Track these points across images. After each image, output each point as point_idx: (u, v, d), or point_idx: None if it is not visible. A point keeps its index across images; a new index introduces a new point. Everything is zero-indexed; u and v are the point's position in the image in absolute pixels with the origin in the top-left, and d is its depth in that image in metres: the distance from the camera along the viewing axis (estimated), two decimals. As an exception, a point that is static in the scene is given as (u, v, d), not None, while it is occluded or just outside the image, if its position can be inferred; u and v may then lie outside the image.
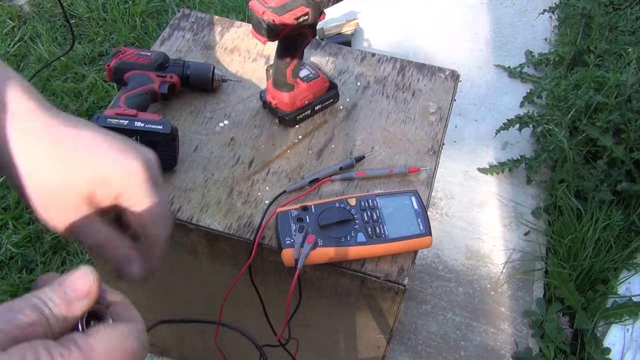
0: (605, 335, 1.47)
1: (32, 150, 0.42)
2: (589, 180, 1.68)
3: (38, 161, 0.42)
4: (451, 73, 1.07)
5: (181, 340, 1.26)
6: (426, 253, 1.65)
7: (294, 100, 0.93)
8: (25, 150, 0.42)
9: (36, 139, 0.42)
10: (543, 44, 2.33)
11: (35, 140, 0.42)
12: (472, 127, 2.01)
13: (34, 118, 0.42)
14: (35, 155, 0.42)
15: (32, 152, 0.42)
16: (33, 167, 0.42)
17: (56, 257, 1.65)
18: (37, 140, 0.42)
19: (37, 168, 0.42)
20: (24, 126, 0.42)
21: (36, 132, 0.42)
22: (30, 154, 0.42)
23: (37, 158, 0.42)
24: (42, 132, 0.42)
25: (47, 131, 0.42)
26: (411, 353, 1.45)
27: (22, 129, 0.42)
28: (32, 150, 0.42)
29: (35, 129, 0.42)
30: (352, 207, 0.79)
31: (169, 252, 0.89)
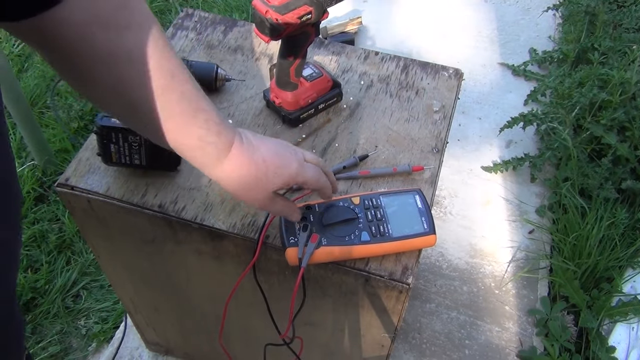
0: (610, 333, 1.46)
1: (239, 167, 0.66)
2: (594, 178, 1.68)
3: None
4: (455, 71, 1.07)
5: (186, 339, 1.27)
6: (430, 252, 1.65)
7: (297, 99, 0.93)
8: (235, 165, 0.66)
9: (241, 159, 0.66)
10: (547, 41, 2.33)
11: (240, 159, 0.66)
12: (475, 125, 2.01)
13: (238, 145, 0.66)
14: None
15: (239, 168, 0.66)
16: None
17: (61, 257, 1.65)
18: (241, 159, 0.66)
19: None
20: (234, 151, 0.65)
21: (240, 155, 0.65)
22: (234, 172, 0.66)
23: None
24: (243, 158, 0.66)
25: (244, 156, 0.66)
26: (415, 352, 1.45)
27: (234, 153, 0.65)
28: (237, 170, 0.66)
29: (239, 153, 0.65)
30: (356, 206, 0.79)
31: (173, 252, 0.90)
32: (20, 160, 1.86)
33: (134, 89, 0.55)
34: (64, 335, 1.52)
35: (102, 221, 0.91)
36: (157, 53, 0.54)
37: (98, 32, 0.50)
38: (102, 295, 1.58)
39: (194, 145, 0.62)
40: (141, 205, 0.84)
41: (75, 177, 0.87)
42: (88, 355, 1.47)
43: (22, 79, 2.15)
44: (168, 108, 0.57)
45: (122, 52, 0.52)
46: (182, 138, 0.61)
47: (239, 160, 0.65)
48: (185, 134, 0.60)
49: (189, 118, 0.60)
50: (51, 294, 1.57)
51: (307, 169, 0.70)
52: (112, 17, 0.50)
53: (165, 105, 0.57)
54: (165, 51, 0.56)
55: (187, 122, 0.60)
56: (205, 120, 0.61)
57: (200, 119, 0.60)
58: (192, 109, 0.60)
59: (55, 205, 1.77)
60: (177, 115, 0.59)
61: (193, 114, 0.60)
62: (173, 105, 0.58)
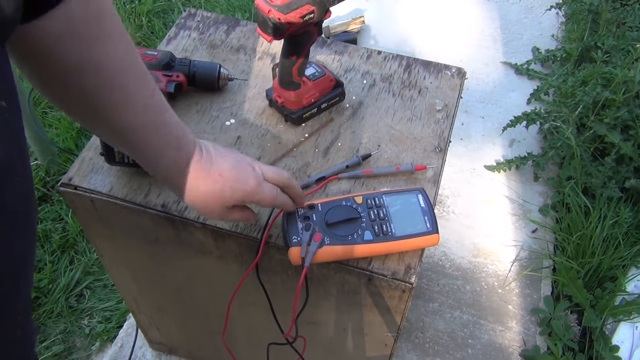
0: (613, 332, 1.46)
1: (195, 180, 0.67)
2: (597, 177, 1.67)
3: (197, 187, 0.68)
4: (457, 70, 1.07)
5: (189, 338, 1.27)
6: (433, 251, 1.65)
7: (300, 98, 0.93)
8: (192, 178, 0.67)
9: (198, 172, 0.67)
10: (550, 40, 2.32)
11: (197, 173, 0.67)
12: (478, 124, 2.01)
13: (197, 159, 0.67)
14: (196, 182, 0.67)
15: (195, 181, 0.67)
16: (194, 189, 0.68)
17: (64, 256, 1.66)
18: (198, 173, 0.67)
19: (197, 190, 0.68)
20: (192, 165, 0.66)
21: (197, 168, 0.66)
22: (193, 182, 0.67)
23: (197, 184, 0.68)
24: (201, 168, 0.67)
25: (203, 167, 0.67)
26: (418, 351, 1.45)
27: (192, 166, 0.66)
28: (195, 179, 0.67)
29: (196, 167, 0.66)
30: (358, 205, 0.79)
31: (176, 252, 0.90)
32: (23, 160, 1.87)
33: (99, 99, 0.56)
34: (67, 334, 1.52)
35: (105, 221, 0.91)
36: (125, 65, 0.56)
37: (70, 43, 0.52)
38: (105, 295, 1.59)
39: (156, 155, 0.64)
40: (144, 205, 0.84)
41: (78, 177, 0.87)
42: (91, 354, 1.47)
43: (24, 78, 2.15)
44: (131, 120, 0.59)
45: (91, 63, 0.54)
46: (144, 148, 0.63)
47: (196, 174, 0.67)
48: (146, 145, 0.62)
49: (150, 132, 0.62)
50: (55, 294, 1.57)
51: (264, 189, 0.70)
52: (85, 28, 0.52)
53: (129, 118, 0.59)
54: (133, 63, 0.57)
55: (148, 136, 0.62)
56: (165, 134, 0.63)
57: (161, 133, 0.62)
58: (153, 123, 0.61)
59: (58, 204, 1.77)
60: (140, 128, 0.60)
61: (154, 128, 0.62)
62: (136, 117, 0.59)
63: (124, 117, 0.59)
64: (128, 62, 0.57)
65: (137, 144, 0.62)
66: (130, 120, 0.59)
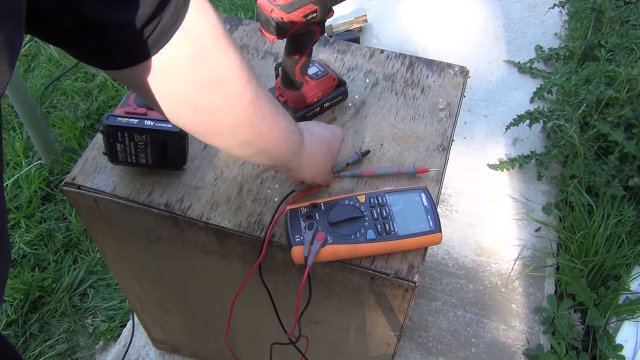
0: (617, 331, 1.46)
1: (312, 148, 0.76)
2: (600, 176, 1.67)
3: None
4: (460, 69, 1.07)
5: (193, 337, 1.27)
6: (436, 250, 1.65)
7: (302, 97, 0.93)
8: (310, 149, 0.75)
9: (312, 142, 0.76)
10: (553, 38, 2.32)
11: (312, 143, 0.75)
12: (481, 123, 2.00)
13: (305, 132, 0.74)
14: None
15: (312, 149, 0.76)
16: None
17: (68, 256, 1.66)
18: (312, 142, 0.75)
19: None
20: (305, 138, 0.74)
21: (310, 140, 0.75)
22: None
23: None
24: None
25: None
26: (422, 350, 1.45)
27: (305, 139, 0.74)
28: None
29: (309, 138, 0.74)
30: (361, 204, 0.79)
31: (179, 251, 0.90)
32: (27, 159, 1.87)
33: (235, 104, 0.59)
34: (71, 333, 1.52)
35: (108, 220, 0.91)
36: (246, 64, 0.58)
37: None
38: (109, 294, 1.59)
39: (284, 137, 0.68)
40: (147, 204, 0.84)
41: (81, 177, 0.87)
42: (95, 353, 1.48)
43: (28, 78, 2.16)
44: (262, 112, 0.62)
45: (224, 73, 0.56)
46: (274, 135, 0.66)
47: (310, 137, 0.74)
48: (277, 130, 0.66)
49: (277, 116, 0.65)
50: (58, 293, 1.58)
51: (344, 135, 0.86)
52: (216, 41, 0.54)
53: (260, 110, 0.62)
54: (247, 61, 0.59)
55: (277, 120, 0.65)
56: (283, 112, 0.67)
57: (281, 112, 0.66)
58: (275, 106, 0.65)
59: (62, 204, 1.77)
60: (269, 115, 0.64)
61: (277, 111, 0.65)
62: (264, 107, 0.62)
63: (256, 110, 0.62)
64: (246, 63, 0.59)
65: (271, 131, 0.65)
66: (260, 112, 0.62)
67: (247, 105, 0.60)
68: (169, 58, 0.52)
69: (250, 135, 0.63)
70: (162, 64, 0.52)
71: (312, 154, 0.75)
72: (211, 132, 0.62)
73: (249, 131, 0.63)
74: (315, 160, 0.77)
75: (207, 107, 0.58)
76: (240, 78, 0.58)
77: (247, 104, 0.60)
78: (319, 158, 0.77)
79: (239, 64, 0.57)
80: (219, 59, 0.55)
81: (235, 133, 0.62)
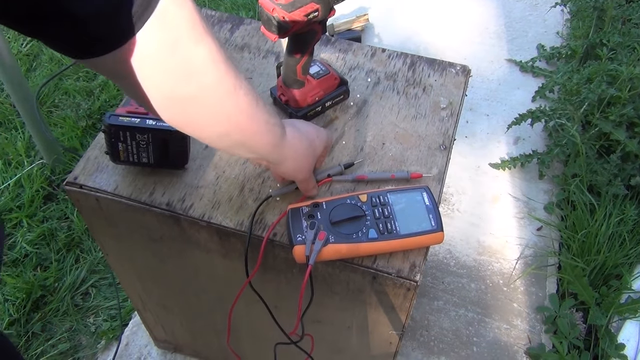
0: (619, 330, 1.46)
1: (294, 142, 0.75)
2: (602, 175, 1.67)
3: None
4: (462, 68, 1.06)
5: (194, 336, 1.27)
6: (438, 249, 1.65)
7: (304, 96, 0.93)
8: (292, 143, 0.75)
9: (294, 135, 0.75)
10: (555, 37, 2.31)
11: (294, 137, 0.75)
12: (483, 122, 2.00)
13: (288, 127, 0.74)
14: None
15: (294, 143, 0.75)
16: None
17: (70, 255, 1.66)
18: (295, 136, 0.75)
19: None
20: (288, 132, 0.74)
21: (292, 134, 0.75)
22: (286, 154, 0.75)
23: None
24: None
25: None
26: (423, 349, 1.45)
27: (288, 133, 0.74)
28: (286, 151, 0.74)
29: (291, 132, 0.74)
30: (363, 203, 0.79)
31: (181, 250, 0.90)
32: (29, 159, 1.88)
33: (210, 95, 0.59)
34: (73, 332, 1.52)
35: (110, 219, 0.91)
36: (224, 56, 0.57)
37: None
38: (110, 293, 1.59)
39: (263, 129, 0.67)
40: (149, 204, 0.84)
41: (83, 176, 0.87)
42: (97, 352, 1.48)
43: (30, 78, 2.16)
44: (240, 104, 0.62)
45: (199, 63, 0.55)
46: (253, 127, 0.65)
47: (292, 131, 0.74)
48: (256, 122, 0.65)
49: (256, 108, 0.64)
50: (60, 292, 1.58)
51: (331, 138, 0.86)
52: (190, 31, 0.53)
53: (238, 102, 0.61)
54: (227, 52, 0.59)
55: (256, 112, 0.64)
56: (263, 104, 0.66)
57: (261, 105, 0.65)
58: (255, 99, 0.64)
59: (64, 203, 1.78)
60: (248, 107, 0.63)
61: (257, 103, 0.64)
62: (243, 99, 0.62)
63: (234, 102, 0.61)
64: (226, 53, 0.59)
65: (250, 124, 0.65)
66: (238, 104, 0.62)
67: (224, 96, 0.59)
68: (142, 46, 0.51)
69: (228, 127, 0.63)
70: (135, 51, 0.51)
71: (293, 147, 0.74)
72: (188, 123, 0.61)
73: (226, 123, 0.62)
74: (297, 155, 0.76)
75: (182, 97, 0.57)
76: (217, 69, 0.57)
77: (224, 95, 0.59)
78: (301, 152, 0.76)
79: (215, 55, 0.56)
80: (194, 48, 0.54)
81: (212, 125, 0.62)
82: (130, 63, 0.52)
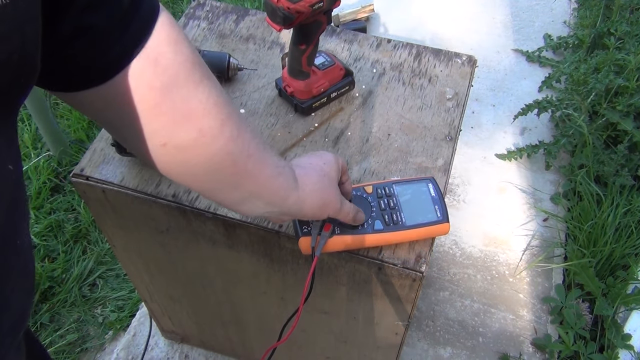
0: (625, 321, 1.46)
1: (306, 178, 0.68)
2: (609, 165, 1.66)
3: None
4: (468, 58, 1.06)
5: (201, 327, 1.28)
6: (444, 240, 1.65)
7: (309, 88, 0.93)
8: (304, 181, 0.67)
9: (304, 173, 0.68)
10: (562, 27, 2.30)
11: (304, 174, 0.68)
12: (489, 112, 1.99)
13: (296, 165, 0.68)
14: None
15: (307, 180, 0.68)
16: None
17: (77, 246, 1.67)
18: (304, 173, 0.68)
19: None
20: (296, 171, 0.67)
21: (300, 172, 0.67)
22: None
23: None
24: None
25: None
26: (429, 339, 1.46)
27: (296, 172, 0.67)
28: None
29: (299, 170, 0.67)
30: (369, 194, 0.79)
31: (187, 241, 0.90)
32: (36, 151, 1.88)
33: (212, 141, 0.54)
34: (81, 323, 1.54)
35: (116, 211, 0.92)
36: (225, 99, 0.54)
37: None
38: (118, 284, 1.60)
39: (273, 173, 0.61)
40: (155, 195, 0.85)
41: (90, 168, 0.88)
42: (105, 343, 1.49)
43: (36, 70, 2.16)
44: (246, 148, 0.57)
45: (198, 107, 0.52)
46: (263, 172, 0.60)
47: (302, 172, 0.67)
48: (265, 165, 0.60)
49: (264, 152, 0.60)
50: (68, 283, 1.59)
51: (338, 158, 0.74)
52: (188, 73, 0.50)
53: (243, 147, 0.56)
54: (228, 96, 0.56)
55: (265, 157, 0.60)
56: (270, 147, 0.62)
57: (268, 148, 0.61)
58: (262, 143, 0.59)
59: (70, 195, 1.78)
60: (255, 152, 0.58)
61: (264, 148, 0.60)
62: (249, 144, 0.57)
63: (240, 146, 0.57)
64: (227, 98, 0.56)
65: (259, 168, 0.60)
66: (245, 148, 0.57)
67: (228, 141, 0.54)
68: (131, 87, 0.47)
69: (236, 175, 0.58)
70: (122, 93, 0.47)
71: (307, 185, 0.67)
72: (187, 172, 0.56)
73: (232, 170, 0.57)
74: (314, 190, 0.68)
75: (179, 143, 0.52)
76: (218, 112, 0.53)
77: (228, 141, 0.54)
78: (318, 187, 0.68)
79: (216, 99, 0.52)
80: (192, 92, 0.50)
81: (216, 174, 0.56)
82: (115, 104, 0.48)
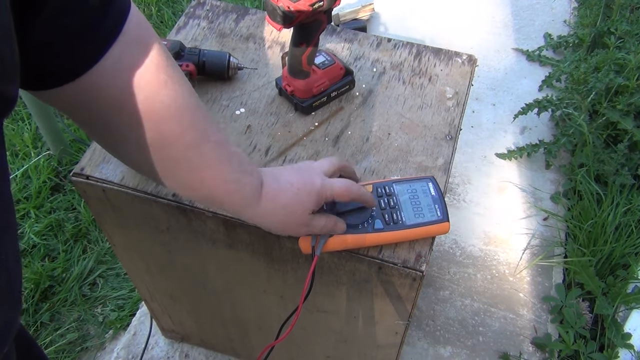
0: (626, 320, 1.46)
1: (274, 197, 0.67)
2: (610, 164, 1.66)
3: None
4: (468, 57, 1.06)
5: (201, 326, 1.28)
6: (444, 239, 1.65)
7: (309, 87, 0.93)
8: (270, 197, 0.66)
9: (273, 189, 0.67)
10: (562, 26, 2.30)
11: (272, 191, 0.66)
12: (489, 111, 1.99)
13: (267, 179, 0.67)
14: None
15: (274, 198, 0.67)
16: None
17: (77, 246, 1.67)
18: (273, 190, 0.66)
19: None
20: (265, 185, 0.66)
21: (271, 186, 0.66)
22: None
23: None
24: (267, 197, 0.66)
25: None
26: (429, 339, 1.46)
27: (265, 186, 0.66)
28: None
29: (270, 185, 0.66)
30: (369, 193, 0.79)
31: (187, 241, 0.90)
32: (36, 150, 1.88)
33: (171, 144, 0.55)
34: (81, 322, 1.54)
35: (117, 210, 0.92)
36: (192, 105, 0.55)
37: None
38: (118, 283, 1.60)
39: (231, 189, 0.62)
40: (155, 194, 0.85)
41: (90, 167, 0.88)
42: (105, 342, 1.49)
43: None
44: (205, 158, 0.58)
45: (160, 108, 0.52)
46: (219, 184, 0.61)
47: (272, 191, 0.66)
48: (222, 180, 0.61)
49: (224, 164, 0.60)
50: (68, 282, 1.59)
51: (333, 181, 0.70)
52: (153, 75, 0.51)
53: (202, 156, 0.57)
54: (198, 103, 0.56)
55: (223, 169, 0.60)
56: (238, 163, 0.62)
57: (234, 163, 0.61)
58: (226, 155, 0.60)
59: (71, 194, 1.78)
60: (214, 163, 0.59)
61: (228, 160, 0.60)
62: (209, 154, 0.58)
63: (197, 155, 0.57)
64: (193, 103, 0.56)
65: (214, 180, 0.61)
66: (203, 158, 0.58)
67: (187, 148, 0.55)
68: (99, 85, 0.48)
69: (190, 181, 0.59)
70: (89, 91, 0.48)
71: (272, 202, 0.66)
72: (149, 170, 0.57)
73: (187, 176, 0.58)
74: (277, 209, 0.67)
75: (140, 142, 0.53)
76: (181, 118, 0.54)
77: (187, 147, 0.55)
78: (282, 210, 0.67)
79: (181, 104, 0.53)
80: (156, 94, 0.51)
81: (174, 174, 0.58)
82: (84, 102, 0.49)
